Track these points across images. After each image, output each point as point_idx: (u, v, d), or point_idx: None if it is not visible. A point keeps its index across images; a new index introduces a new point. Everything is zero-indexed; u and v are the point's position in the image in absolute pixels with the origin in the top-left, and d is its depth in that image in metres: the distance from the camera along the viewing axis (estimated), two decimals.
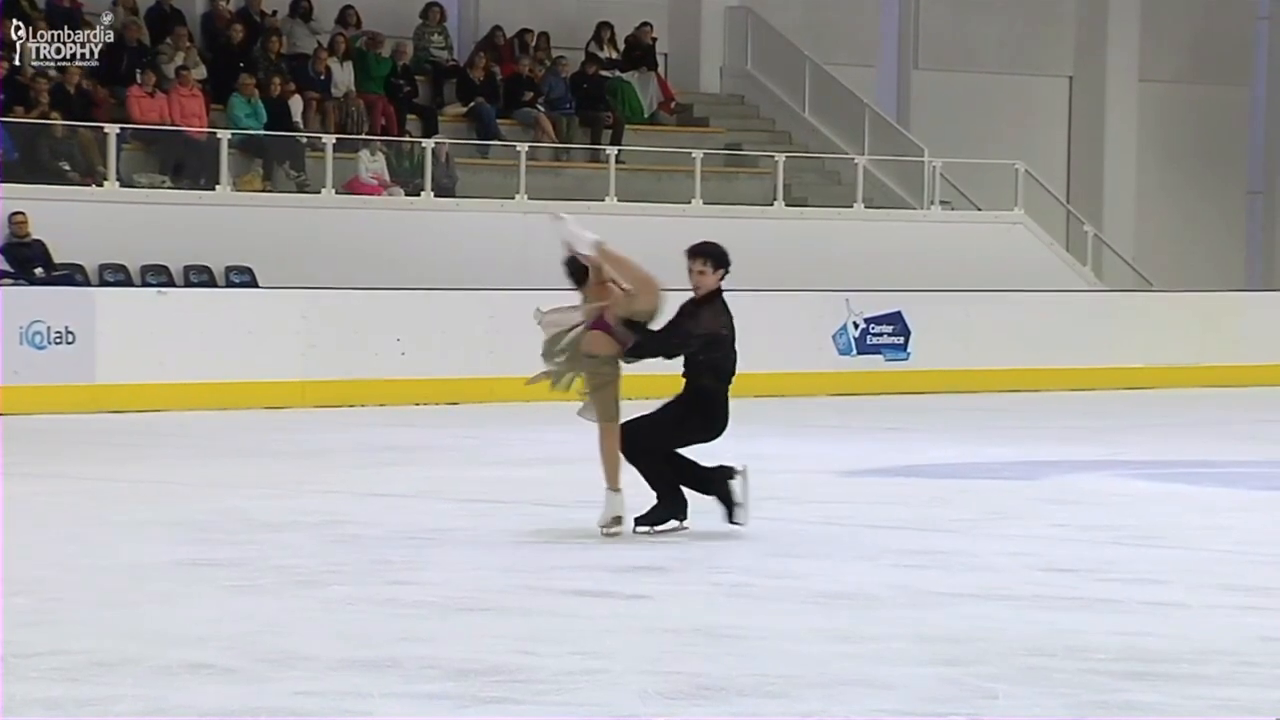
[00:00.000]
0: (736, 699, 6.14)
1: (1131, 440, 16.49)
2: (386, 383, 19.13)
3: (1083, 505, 11.72)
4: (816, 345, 21.06)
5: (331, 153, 21.59)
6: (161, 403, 17.95)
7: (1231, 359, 23.37)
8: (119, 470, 13.60)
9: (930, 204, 25.18)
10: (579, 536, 9.93)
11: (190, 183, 21.14)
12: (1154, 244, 29.53)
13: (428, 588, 8.38)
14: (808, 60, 26.44)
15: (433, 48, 24.57)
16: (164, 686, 6.25)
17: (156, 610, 7.76)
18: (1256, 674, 6.61)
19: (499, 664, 6.63)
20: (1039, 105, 29.93)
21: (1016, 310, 22.69)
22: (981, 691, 6.26)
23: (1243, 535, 10.41)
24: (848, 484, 12.66)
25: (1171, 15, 30.45)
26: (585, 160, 24.08)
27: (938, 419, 18.51)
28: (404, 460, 14.34)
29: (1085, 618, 7.72)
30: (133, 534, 10.09)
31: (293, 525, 10.38)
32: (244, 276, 20.42)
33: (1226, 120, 31.36)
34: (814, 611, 7.86)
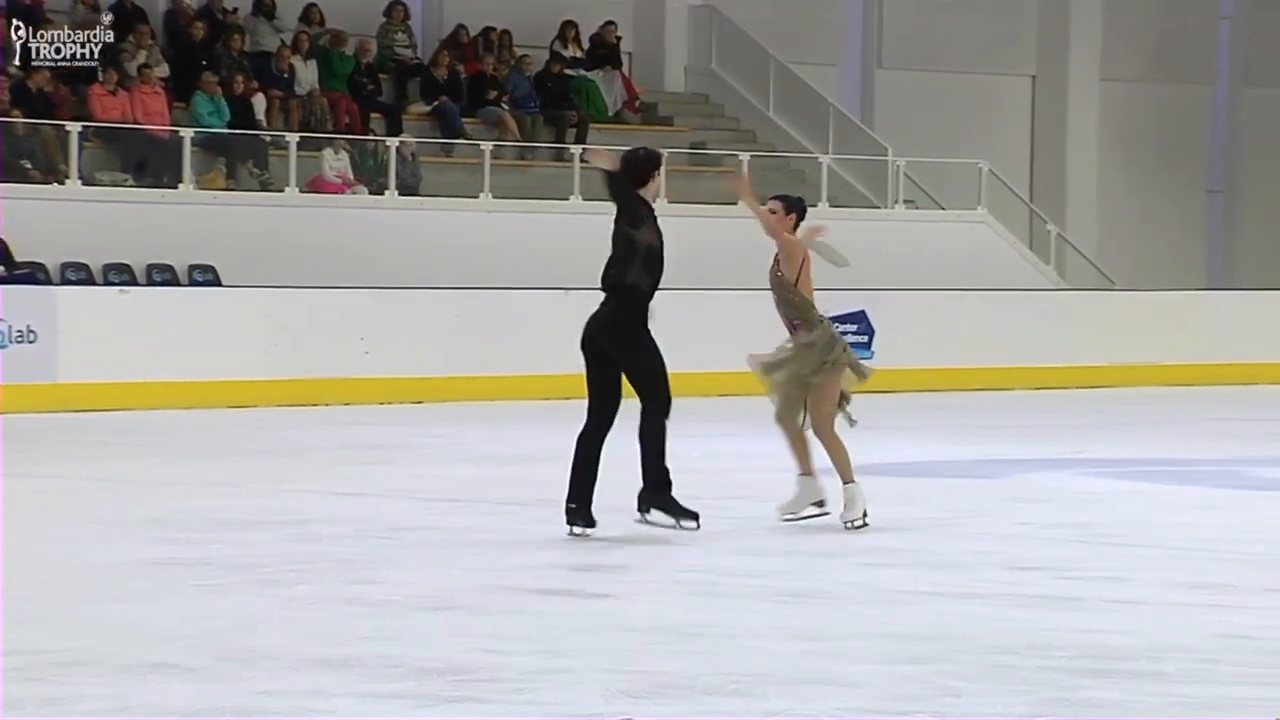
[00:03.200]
0: (701, 697, 6.15)
1: (1095, 439, 16.55)
2: (350, 381, 19.09)
3: (1046, 503, 11.76)
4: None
5: (295, 151, 21.54)
6: (124, 402, 17.89)
7: (1193, 357, 23.47)
8: (82, 470, 13.54)
9: (894, 203, 25.23)
10: (543, 535, 9.93)
11: (153, 181, 21.06)
12: (1116, 243, 29.64)
13: (392, 587, 8.37)
14: (772, 59, 26.48)
15: (397, 46, 24.54)
16: (128, 685, 6.24)
17: (120, 609, 7.74)
18: (1217, 671, 6.64)
19: (462, 663, 6.63)
20: (1002, 105, 30.02)
21: (980, 309, 22.75)
22: (945, 689, 6.28)
23: (1204, 533, 10.46)
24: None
25: (1134, 15, 30.56)
26: (549, 159, 24.07)
27: (901, 418, 18.54)
28: (368, 459, 14.32)
29: (1048, 615, 7.75)
30: (95, 533, 10.06)
31: (257, 524, 10.36)
32: (207, 275, 20.35)
33: (1188, 120, 31.50)
34: (778, 610, 7.87)
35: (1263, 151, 31.96)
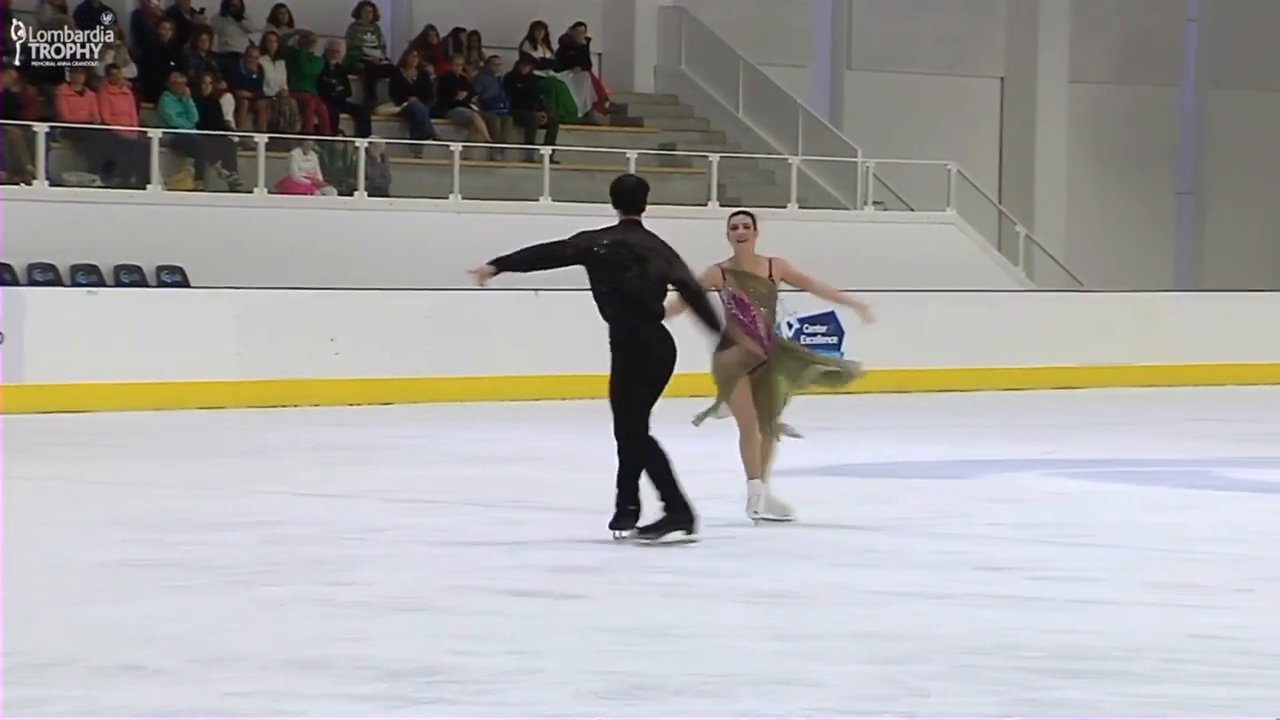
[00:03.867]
0: (672, 698, 6.15)
1: (1064, 440, 16.59)
2: (320, 383, 19.05)
3: (1016, 504, 11.79)
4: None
5: (264, 152, 21.49)
6: (92, 403, 17.83)
7: (1161, 358, 23.55)
8: (50, 471, 13.49)
9: (863, 204, 25.27)
10: (514, 536, 9.93)
11: (121, 182, 21.00)
12: (1084, 244, 29.73)
13: (362, 588, 8.35)
14: (741, 60, 26.50)
15: (366, 47, 24.50)
16: (98, 687, 6.22)
17: (90, 611, 7.71)
18: (1185, 671, 6.67)
19: (434, 664, 6.62)
20: (971, 106, 30.08)
21: (949, 310, 22.80)
22: (916, 689, 6.29)
23: (1173, 533, 10.50)
24: (782, 483, 12.67)
25: (1102, 17, 30.66)
26: (519, 160, 24.06)
27: (871, 418, 18.58)
28: (338, 460, 14.29)
29: (1017, 615, 7.77)
30: (65, 535, 10.02)
31: (227, 525, 10.33)
32: (175, 276, 20.30)
33: (1156, 121, 31.60)
34: (749, 610, 7.88)
35: (1230, 153, 32.09)
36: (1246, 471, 13.83)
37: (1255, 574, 9.02)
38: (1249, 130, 32.01)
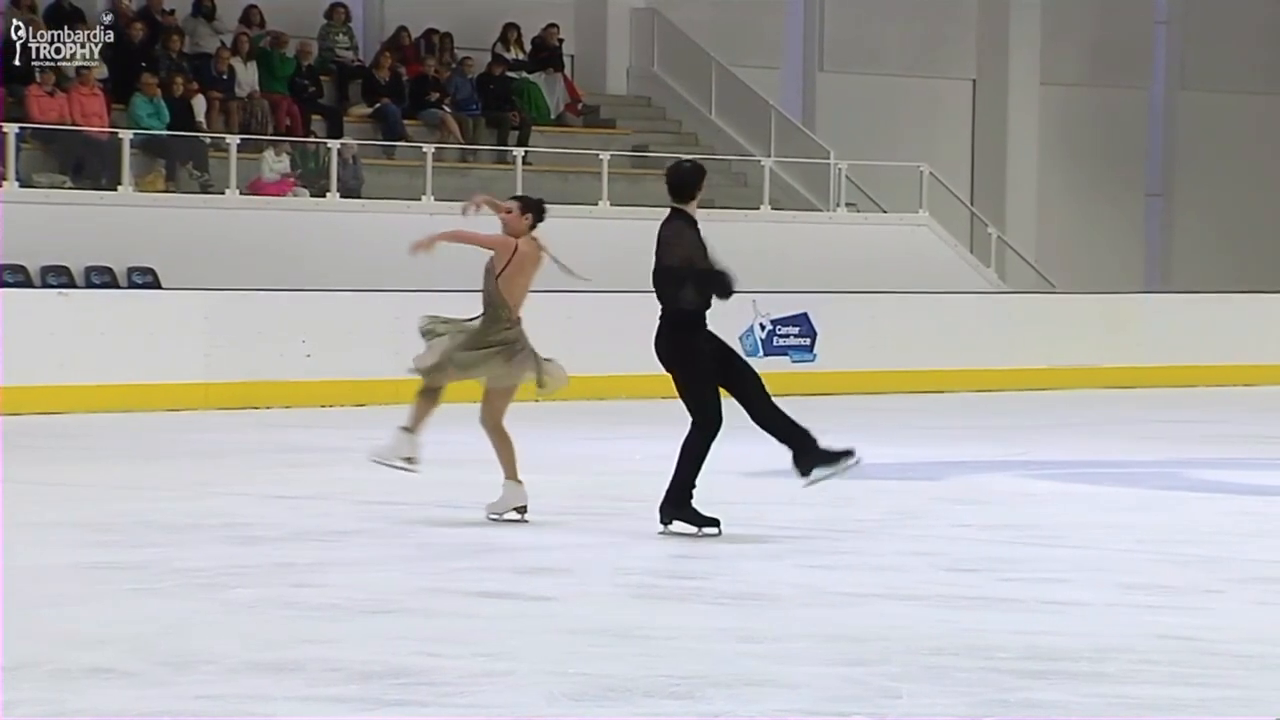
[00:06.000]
0: (642, 699, 6.15)
1: (1035, 441, 16.63)
2: (291, 384, 19.02)
3: (986, 505, 11.81)
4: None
5: (235, 153, 21.44)
6: (63, 405, 17.77)
7: (1131, 360, 23.62)
8: (19, 472, 13.44)
9: (836, 206, 25.30)
10: (482, 539, 9.92)
11: (91, 183, 20.94)
12: (1056, 245, 29.81)
13: (331, 590, 8.34)
14: (714, 62, 26.52)
15: (337, 48, 24.46)
16: (64, 690, 6.19)
17: (56, 613, 7.68)
18: (1155, 671, 6.68)
19: (403, 666, 6.61)
20: (943, 108, 30.14)
21: (921, 311, 22.84)
22: (885, 690, 6.30)
23: (1143, 534, 10.53)
24: (753, 484, 12.69)
25: (1072, 19, 30.75)
26: (492, 161, 24.04)
27: (844, 420, 18.56)
28: (307, 462, 14.26)
29: (987, 616, 7.78)
30: (33, 536, 9.98)
31: (194, 527, 10.30)
32: (146, 277, 20.24)
33: (1126, 123, 31.71)
34: (719, 611, 7.88)
35: (1199, 155, 32.21)
36: (1216, 472, 13.87)
37: (1225, 575, 9.04)
38: (1217, 132, 32.14)
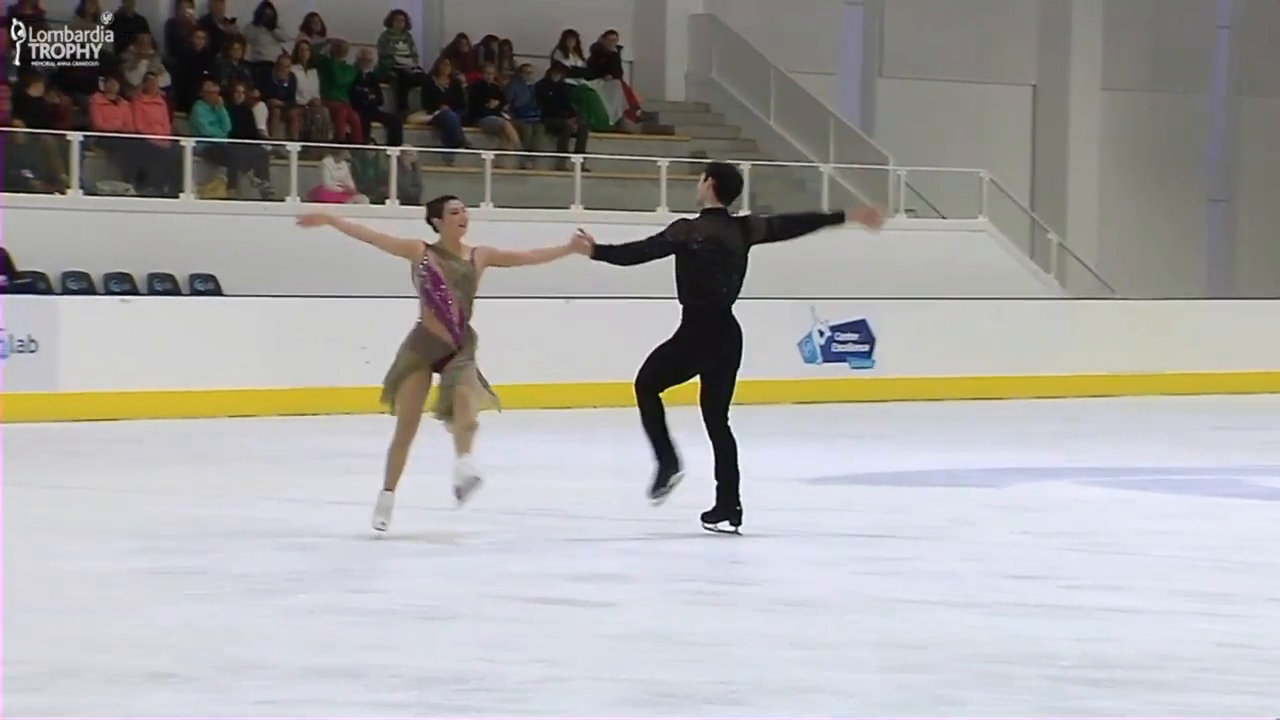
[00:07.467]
0: (698, 706, 6.16)
1: (1093, 447, 16.55)
2: (351, 391, 19.06)
3: (1044, 512, 11.77)
4: (781, 353, 21.08)
5: (296, 160, 21.55)
6: (125, 411, 17.89)
7: (1191, 366, 23.47)
8: (80, 479, 13.56)
9: (895, 212, 25.23)
10: (536, 545, 9.94)
11: (154, 190, 21.08)
12: (1116, 251, 29.65)
13: (388, 596, 8.38)
14: (772, 68, 26.49)
15: (397, 55, 24.56)
16: (124, 695, 6.24)
17: (116, 618, 7.74)
18: (1214, 680, 6.66)
19: (461, 672, 6.64)
20: (1003, 113, 30.04)
21: (980, 318, 22.76)
22: (942, 698, 6.29)
23: (1201, 542, 10.47)
24: (812, 491, 12.69)
25: (1133, 24, 30.59)
26: (550, 168, 24.08)
27: (902, 426, 18.56)
28: (365, 469, 14.29)
29: (1046, 624, 7.76)
30: (93, 542, 10.07)
31: (254, 534, 10.37)
32: (208, 284, 20.36)
33: (1187, 128, 31.52)
34: (776, 618, 7.88)
35: (1261, 160, 31.99)
36: (1275, 480, 13.79)
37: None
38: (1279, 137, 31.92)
